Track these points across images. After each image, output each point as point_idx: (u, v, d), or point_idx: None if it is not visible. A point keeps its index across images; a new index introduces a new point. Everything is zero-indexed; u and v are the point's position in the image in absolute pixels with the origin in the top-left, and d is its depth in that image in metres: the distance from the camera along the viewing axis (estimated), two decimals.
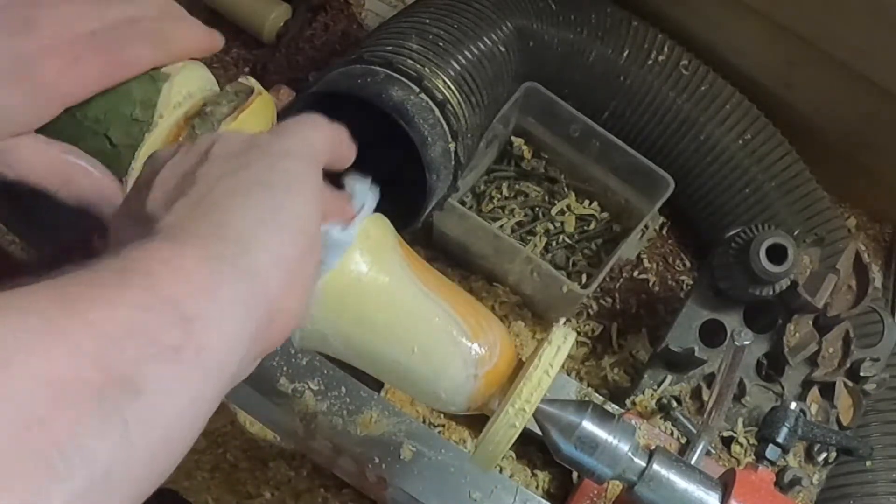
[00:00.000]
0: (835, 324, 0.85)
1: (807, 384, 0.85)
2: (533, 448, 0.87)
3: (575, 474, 0.84)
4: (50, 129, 0.51)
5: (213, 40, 0.57)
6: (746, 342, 0.65)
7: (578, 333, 0.96)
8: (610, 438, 0.58)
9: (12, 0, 0.49)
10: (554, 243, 0.96)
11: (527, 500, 0.77)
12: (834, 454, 0.82)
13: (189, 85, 0.56)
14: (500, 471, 0.84)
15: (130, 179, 0.53)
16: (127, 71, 0.51)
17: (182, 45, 0.54)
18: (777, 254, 0.81)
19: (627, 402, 0.85)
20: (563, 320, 0.60)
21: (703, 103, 0.93)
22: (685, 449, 0.75)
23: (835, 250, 0.89)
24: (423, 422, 0.83)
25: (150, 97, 0.53)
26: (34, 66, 0.48)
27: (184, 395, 0.33)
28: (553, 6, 0.92)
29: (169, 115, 0.55)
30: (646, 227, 0.96)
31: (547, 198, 0.98)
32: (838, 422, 0.83)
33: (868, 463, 0.84)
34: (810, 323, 0.85)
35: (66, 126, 0.51)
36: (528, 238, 0.96)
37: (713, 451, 0.82)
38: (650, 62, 0.93)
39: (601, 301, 0.98)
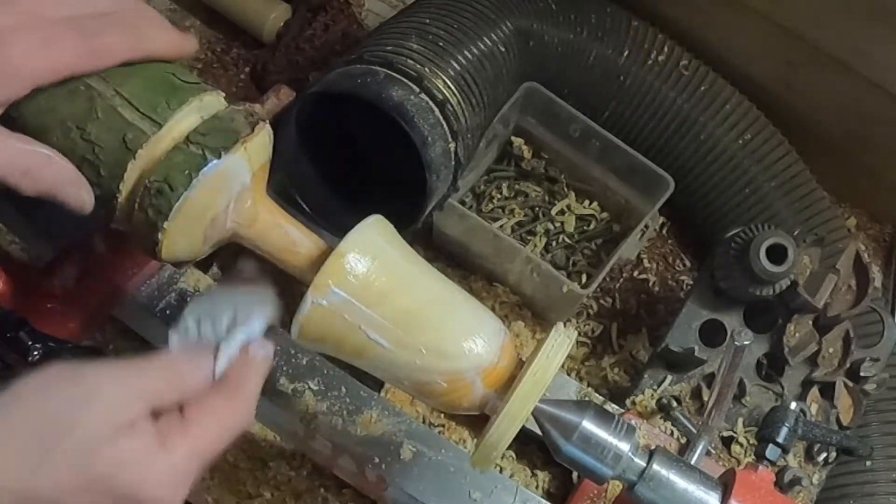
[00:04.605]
0: (835, 324, 0.85)
1: (807, 384, 0.85)
2: (533, 448, 0.87)
3: (575, 474, 0.84)
4: (22, 115, 0.51)
5: (186, 45, 0.56)
6: (746, 342, 0.65)
7: (578, 333, 0.96)
8: (610, 438, 0.58)
9: None
10: (554, 243, 0.96)
11: (527, 500, 0.77)
12: (834, 454, 0.82)
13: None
14: (500, 471, 0.84)
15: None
16: (98, 60, 0.51)
17: (155, 44, 0.54)
18: (777, 254, 0.81)
19: (627, 402, 0.85)
20: (563, 324, 0.60)
21: (703, 103, 0.93)
22: (685, 449, 0.75)
23: (835, 250, 0.89)
24: (423, 422, 0.83)
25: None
26: (5, 40, 0.48)
27: None
28: (553, 6, 0.92)
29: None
30: (646, 227, 0.96)
31: (547, 198, 0.98)
32: (838, 422, 0.83)
33: (868, 463, 0.84)
34: (810, 323, 0.85)
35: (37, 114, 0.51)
36: (528, 238, 0.96)
37: (713, 451, 0.82)
38: (650, 62, 0.93)
39: (601, 301, 0.98)
